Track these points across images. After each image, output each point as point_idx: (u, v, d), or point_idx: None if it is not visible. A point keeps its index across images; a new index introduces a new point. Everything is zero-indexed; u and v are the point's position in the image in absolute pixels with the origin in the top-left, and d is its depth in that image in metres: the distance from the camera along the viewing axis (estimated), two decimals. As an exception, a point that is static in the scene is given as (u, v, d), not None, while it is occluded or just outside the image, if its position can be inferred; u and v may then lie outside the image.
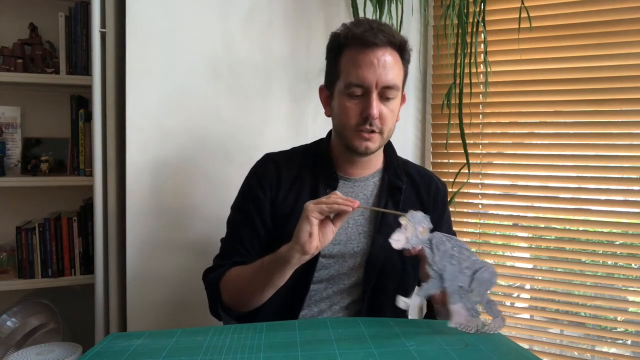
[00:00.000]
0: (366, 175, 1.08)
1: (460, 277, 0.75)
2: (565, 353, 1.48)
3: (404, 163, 1.14)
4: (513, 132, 1.55)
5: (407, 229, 0.75)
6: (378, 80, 0.95)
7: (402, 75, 1.01)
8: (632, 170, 1.40)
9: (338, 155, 1.08)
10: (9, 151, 1.77)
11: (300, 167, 1.08)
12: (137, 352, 0.72)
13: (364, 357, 0.68)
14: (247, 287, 0.96)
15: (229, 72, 1.44)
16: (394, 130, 1.04)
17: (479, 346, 0.72)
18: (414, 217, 0.76)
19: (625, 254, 1.41)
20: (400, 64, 1.00)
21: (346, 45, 0.98)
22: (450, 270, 0.75)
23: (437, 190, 1.12)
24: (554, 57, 1.47)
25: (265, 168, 1.09)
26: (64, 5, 1.75)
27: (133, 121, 1.36)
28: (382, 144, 1.03)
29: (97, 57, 1.40)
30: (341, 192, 1.04)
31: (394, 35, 0.98)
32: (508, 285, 1.63)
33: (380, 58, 0.95)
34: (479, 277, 0.75)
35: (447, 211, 1.14)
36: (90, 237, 1.70)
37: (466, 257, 0.76)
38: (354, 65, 0.96)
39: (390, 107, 0.98)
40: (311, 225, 0.84)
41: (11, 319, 1.64)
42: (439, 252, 0.75)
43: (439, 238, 0.76)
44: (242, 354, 0.69)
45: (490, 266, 0.77)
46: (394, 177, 1.08)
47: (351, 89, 0.97)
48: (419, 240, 0.75)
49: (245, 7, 1.44)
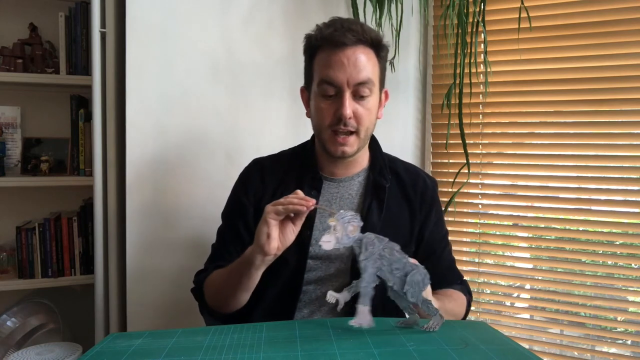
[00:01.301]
0: (351, 174, 1.08)
1: (390, 278, 0.76)
2: (565, 353, 1.48)
3: (391, 161, 1.13)
4: (513, 132, 1.55)
5: (337, 229, 0.74)
6: (349, 79, 0.95)
7: (377, 72, 1.00)
8: (632, 170, 1.40)
9: (322, 156, 1.08)
10: (9, 151, 1.77)
11: (286, 170, 1.09)
12: (137, 352, 0.71)
13: (364, 357, 0.68)
14: (223, 289, 0.98)
15: (229, 72, 1.44)
16: (373, 129, 1.04)
17: (479, 346, 0.72)
18: (343, 216, 0.75)
19: (625, 254, 1.41)
20: (375, 61, 0.99)
21: (318, 46, 0.99)
22: (370, 272, 0.75)
23: (425, 186, 1.10)
24: (554, 57, 1.47)
25: (250, 173, 1.12)
26: (64, 5, 1.75)
27: (133, 121, 1.36)
28: (361, 145, 1.02)
29: (97, 57, 1.40)
30: (326, 193, 1.06)
31: (364, 32, 0.97)
32: (508, 285, 1.63)
33: (351, 57, 0.95)
34: (411, 280, 0.76)
35: (437, 207, 1.12)
36: (90, 237, 1.70)
37: (397, 259, 0.76)
38: (325, 65, 0.97)
39: (365, 106, 0.98)
40: (269, 227, 0.84)
41: (11, 319, 1.64)
42: (366, 252, 0.75)
43: (369, 238, 0.76)
44: (242, 354, 0.69)
45: (422, 268, 0.78)
46: (378, 176, 1.07)
47: (324, 89, 0.98)
48: (350, 239, 0.75)
49: (245, 7, 1.44)
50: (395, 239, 1.03)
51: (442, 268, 1.10)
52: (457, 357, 0.67)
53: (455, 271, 1.15)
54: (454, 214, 1.57)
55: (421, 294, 0.77)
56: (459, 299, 1.08)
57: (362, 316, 0.75)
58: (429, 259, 1.09)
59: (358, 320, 0.75)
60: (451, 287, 1.10)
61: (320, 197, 1.06)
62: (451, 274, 1.14)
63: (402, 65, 1.59)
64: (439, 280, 1.09)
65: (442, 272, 1.10)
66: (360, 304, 0.75)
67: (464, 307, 1.10)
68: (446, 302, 1.01)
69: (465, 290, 1.13)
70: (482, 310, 1.60)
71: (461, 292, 1.10)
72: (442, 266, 1.11)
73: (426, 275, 0.77)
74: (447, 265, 1.13)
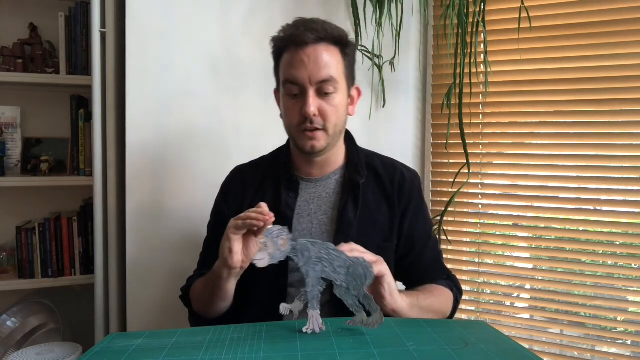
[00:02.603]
0: (327, 173, 1.08)
1: (336, 277, 0.76)
2: (565, 353, 1.48)
3: (368, 156, 1.12)
4: (513, 132, 1.55)
5: (267, 245, 0.75)
6: (311, 77, 0.96)
7: (341, 69, 1.00)
8: (632, 170, 1.40)
9: (297, 157, 1.08)
10: (9, 151, 1.77)
11: (265, 174, 1.11)
12: (137, 352, 0.72)
13: (364, 357, 0.68)
14: (203, 298, 1.00)
15: (229, 72, 1.44)
16: (342, 125, 1.04)
17: (479, 346, 0.72)
18: (271, 232, 0.76)
19: (625, 254, 1.41)
20: (339, 58, 1.00)
21: (282, 48, 1.01)
22: (313, 276, 0.75)
23: (403, 179, 1.09)
24: (554, 57, 1.47)
25: (230, 182, 1.14)
26: (64, 5, 1.75)
27: (133, 121, 1.36)
28: (332, 141, 1.02)
29: (97, 57, 1.40)
30: (304, 194, 1.07)
31: (326, 30, 0.98)
32: (508, 285, 1.63)
33: (311, 55, 0.96)
34: (352, 272, 0.76)
35: (416, 200, 1.10)
36: (90, 237, 1.70)
37: (335, 257, 0.76)
38: (288, 65, 0.99)
39: (331, 103, 0.98)
40: (230, 242, 0.85)
41: (11, 319, 1.64)
42: (303, 258, 0.75)
43: (303, 245, 0.76)
44: (242, 354, 0.69)
45: (364, 261, 0.77)
46: (353, 173, 1.07)
47: (288, 88, 0.99)
48: (283, 253, 0.75)
49: (245, 6, 1.44)
50: (374, 234, 1.04)
51: (424, 263, 1.09)
52: (457, 357, 0.67)
53: (440, 266, 1.13)
54: (454, 214, 1.57)
55: (363, 287, 0.77)
56: (440, 295, 1.06)
57: (313, 321, 0.76)
58: (409, 253, 1.08)
59: (310, 325, 0.76)
60: (435, 283, 1.08)
61: (299, 198, 1.06)
62: (435, 269, 1.12)
63: (402, 65, 1.59)
64: (422, 275, 1.10)
65: (424, 267, 1.09)
66: (309, 309, 0.75)
67: (449, 302, 1.08)
68: (421, 298, 0.99)
69: (451, 285, 1.10)
70: (482, 310, 1.60)
71: (447, 287, 1.08)
72: (424, 261, 1.09)
73: (368, 268, 0.77)
74: (431, 260, 1.11)
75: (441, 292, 1.06)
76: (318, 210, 1.05)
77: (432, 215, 1.61)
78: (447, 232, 1.55)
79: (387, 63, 1.58)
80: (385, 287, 0.89)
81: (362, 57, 1.56)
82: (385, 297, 0.89)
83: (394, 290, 0.91)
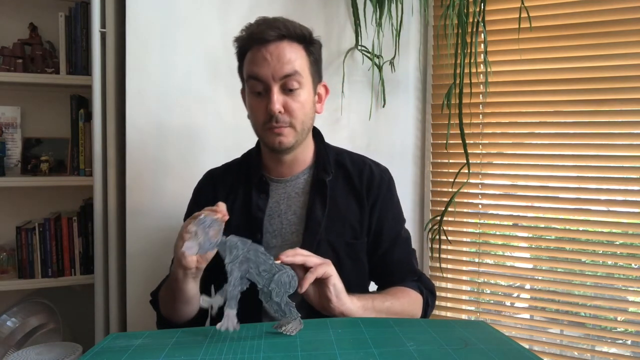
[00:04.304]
0: (296, 173, 1.08)
1: (259, 280, 0.76)
2: (565, 353, 1.48)
3: (338, 154, 1.11)
4: (513, 132, 1.55)
5: (198, 234, 0.74)
6: (274, 73, 0.95)
7: (305, 66, 1.00)
8: (632, 170, 1.40)
9: (267, 157, 1.08)
10: (9, 151, 1.77)
11: (236, 177, 1.11)
12: (137, 352, 0.72)
13: (364, 357, 0.68)
14: (165, 301, 0.99)
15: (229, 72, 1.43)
16: (310, 123, 1.03)
17: (479, 346, 0.72)
18: (203, 222, 0.75)
19: (625, 254, 1.41)
20: (303, 54, 0.99)
21: (245, 47, 1.01)
22: (235, 275, 0.75)
23: (371, 175, 1.08)
24: (554, 57, 1.47)
25: (202, 186, 1.15)
26: (64, 5, 1.75)
27: (133, 121, 1.36)
28: (300, 137, 1.01)
29: (97, 57, 1.41)
30: (274, 195, 1.06)
31: (287, 27, 0.98)
32: (508, 285, 1.63)
33: (274, 52, 0.96)
34: (277, 279, 0.76)
35: (384, 196, 1.08)
36: (90, 237, 1.70)
37: (263, 261, 0.76)
38: (251, 63, 0.99)
39: (297, 99, 0.98)
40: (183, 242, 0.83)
41: (11, 319, 1.64)
42: (230, 256, 0.75)
43: (233, 242, 0.75)
44: (242, 354, 0.69)
45: (289, 270, 0.78)
46: (321, 171, 1.06)
47: (252, 85, 0.99)
48: (212, 244, 0.75)
49: (245, 7, 1.44)
50: (343, 232, 1.03)
51: (391, 261, 1.07)
52: (457, 357, 0.67)
53: (409, 266, 1.10)
54: (454, 214, 1.57)
55: (286, 295, 0.77)
56: (404, 297, 1.02)
57: (228, 319, 0.75)
58: (376, 250, 1.06)
59: (225, 324, 0.75)
60: (402, 285, 1.05)
61: (270, 199, 1.06)
62: (402, 268, 1.08)
63: (402, 65, 1.59)
64: (388, 274, 1.07)
65: (391, 266, 1.07)
66: (227, 307, 0.75)
67: (416, 305, 1.04)
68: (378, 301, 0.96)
69: (421, 287, 1.06)
70: (482, 310, 1.60)
71: (415, 289, 1.05)
72: (391, 259, 1.07)
73: (294, 277, 0.78)
74: (399, 259, 1.08)
75: (406, 294, 1.03)
76: (288, 210, 1.05)
77: (431, 215, 1.62)
78: (447, 232, 1.55)
79: (387, 63, 1.58)
80: (330, 289, 0.88)
81: (362, 57, 1.56)
82: (331, 300, 0.88)
83: (341, 292, 0.89)
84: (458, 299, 1.63)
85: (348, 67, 1.54)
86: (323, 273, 0.87)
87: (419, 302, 1.05)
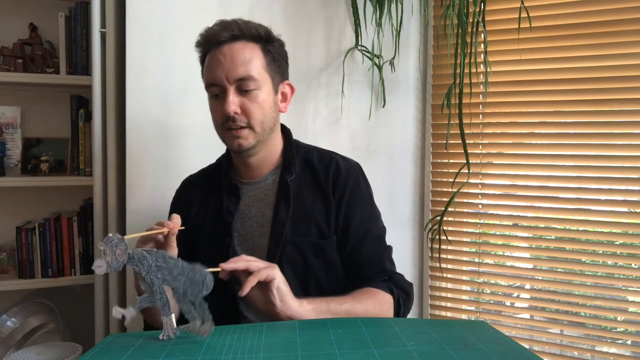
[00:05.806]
0: (265, 174, 1.07)
1: (176, 284, 0.76)
2: (565, 353, 1.48)
3: (307, 152, 1.09)
4: (513, 132, 1.55)
5: (106, 253, 0.73)
6: (227, 75, 0.95)
7: (262, 65, 0.98)
8: (632, 170, 1.40)
9: (235, 160, 1.09)
10: (9, 151, 1.77)
11: (210, 182, 1.11)
12: (137, 352, 0.72)
13: (364, 357, 0.68)
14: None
15: (229, 72, 1.43)
16: (270, 123, 1.01)
17: (479, 346, 0.72)
18: (111, 240, 0.74)
19: (625, 254, 1.41)
20: (260, 54, 0.99)
21: (204, 51, 1.01)
22: (158, 284, 0.75)
23: (337, 171, 1.05)
24: (554, 57, 1.47)
25: (178, 194, 1.16)
26: (64, 5, 1.75)
27: (133, 121, 1.36)
28: (261, 138, 1.00)
29: (97, 57, 1.41)
30: (245, 197, 1.06)
31: (241, 28, 0.98)
32: (508, 285, 1.63)
33: (227, 53, 0.96)
34: (191, 278, 0.76)
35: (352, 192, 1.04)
36: (90, 237, 1.70)
37: (173, 265, 0.76)
38: (207, 67, 0.99)
39: (254, 100, 0.97)
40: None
41: (11, 319, 1.64)
42: (144, 268, 0.75)
43: (140, 254, 0.75)
44: (242, 354, 0.69)
45: (204, 270, 0.77)
46: (285, 171, 1.05)
47: (210, 90, 0.99)
48: (120, 262, 0.74)
49: (245, 7, 1.44)
50: (309, 232, 1.01)
51: (358, 259, 1.03)
52: (457, 357, 0.67)
53: (379, 265, 1.04)
54: (454, 214, 1.57)
55: (200, 294, 0.76)
56: (369, 299, 0.96)
57: (167, 327, 0.76)
58: (343, 249, 1.03)
59: (165, 332, 0.76)
60: (370, 285, 0.99)
61: (241, 202, 1.06)
62: (371, 267, 1.03)
63: (402, 65, 1.59)
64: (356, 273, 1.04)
65: (358, 264, 1.03)
66: (163, 315, 0.75)
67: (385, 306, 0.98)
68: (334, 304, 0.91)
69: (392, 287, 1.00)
70: (482, 310, 1.60)
71: (384, 289, 0.99)
72: (358, 258, 1.03)
73: (207, 276, 0.77)
74: (366, 257, 1.03)
75: (371, 295, 0.97)
76: (257, 212, 1.05)
77: (431, 215, 1.61)
78: (447, 232, 1.55)
79: (387, 63, 1.58)
80: (274, 292, 0.86)
81: (362, 57, 1.56)
82: (275, 304, 0.86)
83: (286, 295, 0.87)
84: (458, 299, 1.63)
85: (348, 67, 1.54)
86: (266, 276, 0.85)
87: (387, 304, 0.99)
